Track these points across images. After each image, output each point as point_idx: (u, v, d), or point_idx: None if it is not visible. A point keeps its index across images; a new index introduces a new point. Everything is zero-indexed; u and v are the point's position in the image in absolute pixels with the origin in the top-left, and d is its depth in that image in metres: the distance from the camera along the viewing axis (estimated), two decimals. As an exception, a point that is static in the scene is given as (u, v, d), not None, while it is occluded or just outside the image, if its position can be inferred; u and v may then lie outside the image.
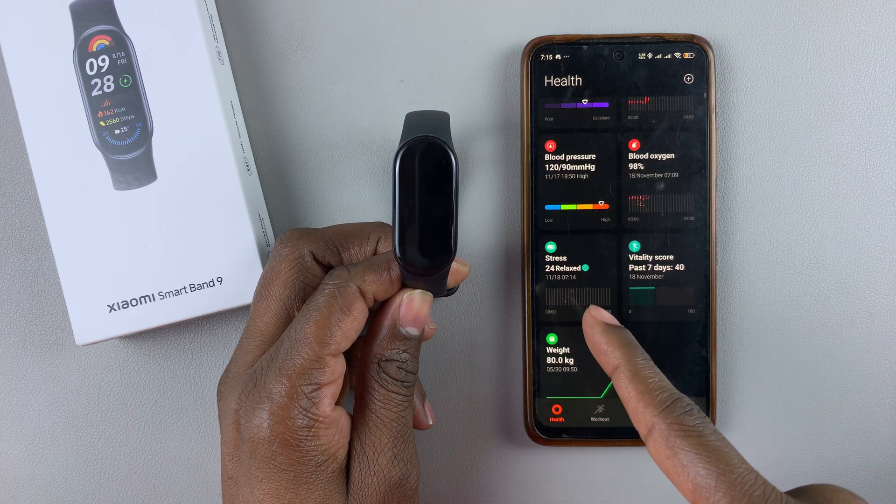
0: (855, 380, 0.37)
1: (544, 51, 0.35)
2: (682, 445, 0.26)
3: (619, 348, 0.29)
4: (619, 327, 0.31)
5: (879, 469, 0.37)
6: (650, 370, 0.29)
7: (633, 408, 0.28)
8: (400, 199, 0.27)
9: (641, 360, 0.29)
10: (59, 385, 0.37)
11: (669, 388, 0.28)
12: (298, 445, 0.27)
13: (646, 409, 0.28)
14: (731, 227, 0.37)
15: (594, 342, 0.30)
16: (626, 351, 0.29)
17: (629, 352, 0.29)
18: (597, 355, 0.30)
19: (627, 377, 0.29)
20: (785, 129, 0.37)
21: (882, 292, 0.37)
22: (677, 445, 0.27)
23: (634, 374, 0.28)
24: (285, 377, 0.27)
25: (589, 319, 0.31)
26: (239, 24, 0.36)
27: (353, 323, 0.28)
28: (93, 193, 0.33)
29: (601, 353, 0.30)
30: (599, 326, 0.30)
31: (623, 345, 0.30)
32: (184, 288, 0.33)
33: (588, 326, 0.31)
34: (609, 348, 0.30)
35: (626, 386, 0.29)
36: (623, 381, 0.29)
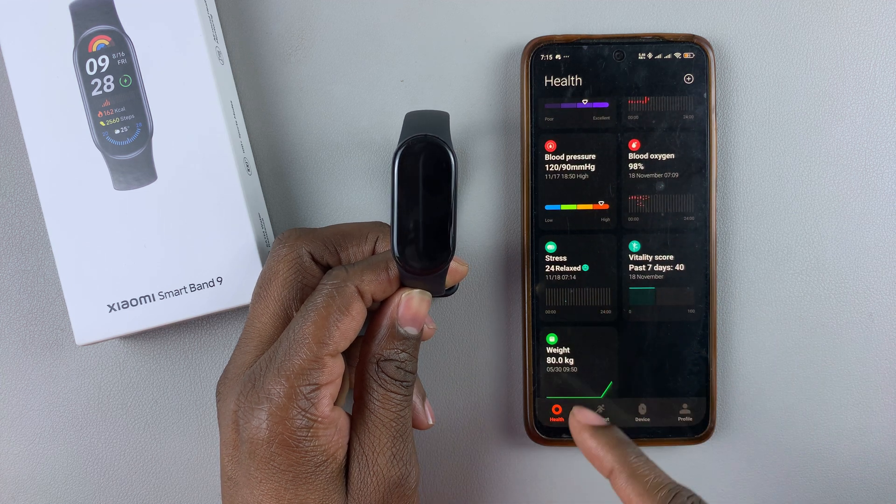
0: (855, 380, 0.37)
1: (544, 51, 0.35)
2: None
3: (612, 450, 0.29)
4: (607, 427, 0.30)
5: (879, 469, 0.37)
6: (646, 467, 0.28)
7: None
8: (399, 198, 0.27)
9: (634, 457, 0.29)
10: (59, 385, 0.37)
11: (668, 483, 0.28)
12: (297, 446, 0.27)
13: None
14: (731, 227, 0.37)
15: (586, 448, 0.30)
16: (618, 452, 0.29)
17: (622, 452, 0.29)
18: (590, 460, 0.30)
19: (625, 479, 0.28)
20: (785, 129, 0.37)
21: (882, 292, 0.37)
22: None
23: (631, 475, 0.28)
24: (284, 378, 0.27)
25: (576, 425, 0.31)
26: (239, 24, 0.36)
27: (351, 323, 0.28)
28: (93, 193, 0.33)
29: (594, 458, 0.30)
30: (588, 431, 0.30)
31: (614, 445, 0.29)
32: (184, 288, 0.33)
33: (576, 432, 0.31)
34: (602, 452, 0.29)
35: (624, 488, 0.28)
36: (621, 484, 0.28)
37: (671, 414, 0.36)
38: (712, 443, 0.37)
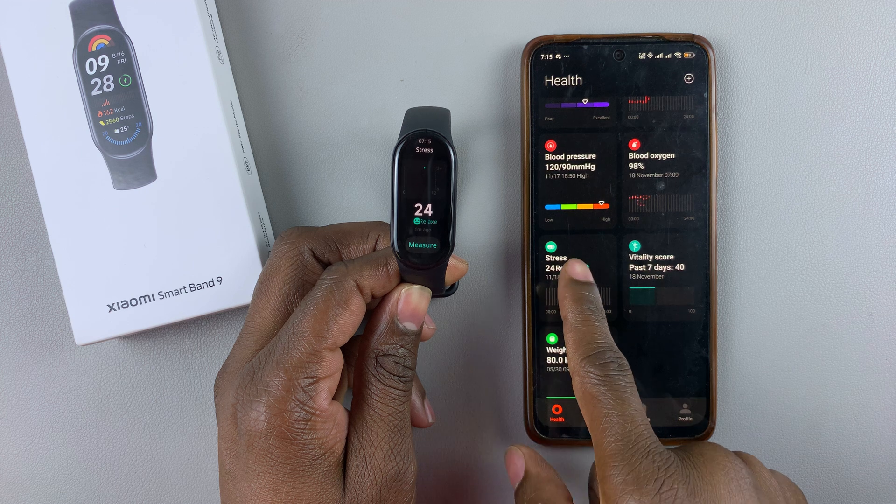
0: (855, 380, 0.37)
1: (544, 50, 0.35)
2: (593, 392, 0.29)
3: (573, 302, 0.32)
4: (584, 283, 0.32)
5: (879, 469, 0.37)
6: (589, 321, 0.31)
7: (567, 355, 0.31)
8: (398, 192, 0.27)
9: (588, 311, 0.31)
10: (59, 385, 0.37)
11: (600, 341, 0.30)
12: (295, 439, 0.27)
13: (572, 356, 0.30)
14: (731, 227, 0.37)
15: (559, 292, 0.33)
16: (576, 306, 0.31)
17: (579, 307, 0.31)
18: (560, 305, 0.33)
19: (567, 327, 0.31)
20: (785, 129, 0.37)
21: (882, 292, 0.37)
22: (588, 392, 0.29)
23: (573, 326, 0.31)
24: (282, 370, 0.27)
25: (563, 275, 0.33)
26: (239, 24, 0.36)
27: (350, 317, 0.28)
28: (92, 193, 0.33)
29: (559, 302, 0.32)
30: (565, 279, 0.33)
31: (575, 299, 0.32)
32: (184, 288, 0.33)
33: (560, 280, 0.33)
34: (563, 301, 0.32)
35: (565, 335, 0.31)
36: (565, 331, 0.31)
37: (671, 414, 0.36)
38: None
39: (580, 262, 0.33)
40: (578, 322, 0.31)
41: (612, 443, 0.28)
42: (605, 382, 0.29)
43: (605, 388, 0.29)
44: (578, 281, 0.33)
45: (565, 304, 0.32)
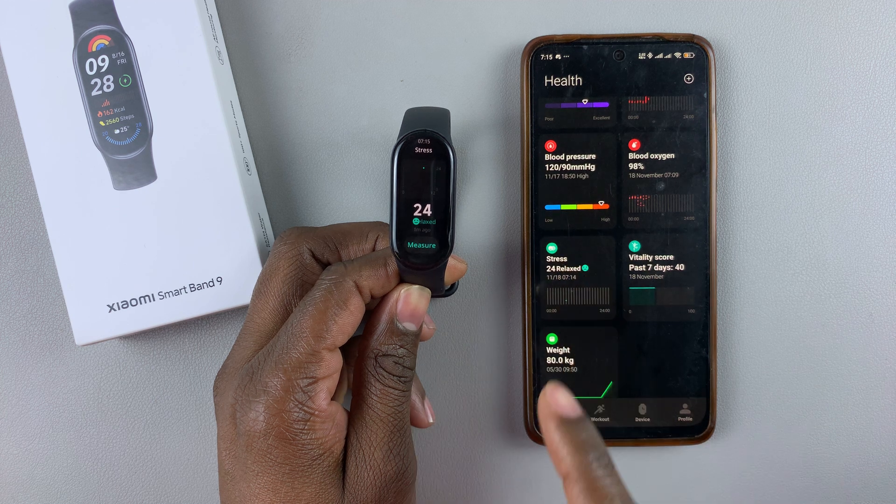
0: (855, 380, 0.37)
1: (544, 51, 0.35)
2: None
3: (573, 454, 0.25)
4: (576, 421, 0.26)
5: (879, 469, 0.37)
6: (607, 480, 0.24)
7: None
8: (397, 192, 0.27)
9: (597, 466, 0.25)
10: (59, 385, 0.37)
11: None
12: (294, 439, 0.27)
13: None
14: (731, 227, 0.37)
15: (548, 439, 0.26)
16: (579, 458, 0.25)
17: (583, 459, 0.25)
18: (550, 453, 0.26)
19: (578, 490, 0.24)
20: (785, 129, 0.37)
21: (882, 292, 0.37)
22: None
23: (587, 488, 0.24)
24: (281, 370, 0.27)
25: (544, 409, 0.26)
26: (239, 24, 0.36)
27: (349, 317, 0.28)
28: (92, 193, 0.33)
29: (553, 453, 0.25)
30: (554, 421, 0.26)
31: (578, 448, 0.25)
32: (184, 288, 0.33)
33: (543, 418, 0.26)
34: (563, 452, 0.25)
35: (575, 498, 0.24)
36: (574, 494, 0.25)
37: (671, 414, 0.36)
38: (712, 443, 0.37)
39: (561, 388, 0.26)
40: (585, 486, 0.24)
41: None
42: None
43: None
44: (570, 419, 0.26)
45: (563, 456, 0.25)
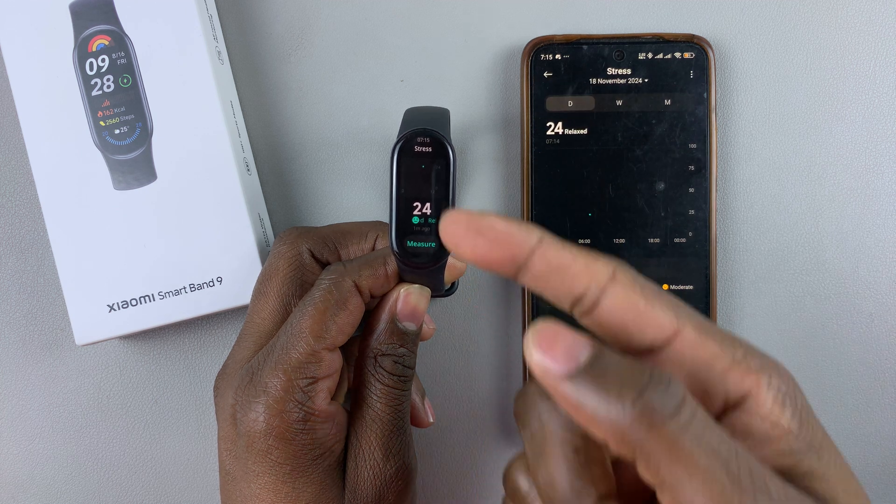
0: (855, 380, 0.37)
1: (544, 50, 0.35)
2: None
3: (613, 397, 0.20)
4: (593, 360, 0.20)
5: (879, 469, 0.37)
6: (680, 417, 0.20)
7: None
8: (397, 191, 0.27)
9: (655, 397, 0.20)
10: (59, 385, 0.37)
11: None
12: (294, 439, 0.27)
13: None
14: (730, 226, 0.37)
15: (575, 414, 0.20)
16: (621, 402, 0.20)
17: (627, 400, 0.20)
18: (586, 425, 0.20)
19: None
20: (785, 129, 0.37)
21: (882, 293, 0.37)
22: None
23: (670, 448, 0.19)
24: (281, 371, 0.27)
25: (544, 378, 0.20)
26: (239, 24, 0.36)
27: (348, 317, 0.28)
28: (92, 193, 0.33)
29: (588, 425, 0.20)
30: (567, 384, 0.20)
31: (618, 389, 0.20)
32: (184, 288, 0.33)
33: (551, 389, 0.21)
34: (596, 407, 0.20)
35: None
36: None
37: (671, 414, 0.36)
38: (712, 443, 0.37)
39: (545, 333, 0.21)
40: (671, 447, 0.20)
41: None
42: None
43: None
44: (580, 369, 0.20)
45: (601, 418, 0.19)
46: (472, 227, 0.22)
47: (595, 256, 0.22)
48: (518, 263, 0.22)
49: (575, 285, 0.22)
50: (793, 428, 0.21)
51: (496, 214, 0.22)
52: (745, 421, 0.22)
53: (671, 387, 0.20)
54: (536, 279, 0.22)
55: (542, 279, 0.22)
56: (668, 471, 0.19)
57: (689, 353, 0.21)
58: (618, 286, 0.22)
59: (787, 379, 0.22)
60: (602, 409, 0.19)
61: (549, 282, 0.22)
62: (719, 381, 0.22)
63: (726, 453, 0.19)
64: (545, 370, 0.20)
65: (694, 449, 0.19)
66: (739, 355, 0.22)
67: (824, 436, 0.22)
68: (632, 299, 0.22)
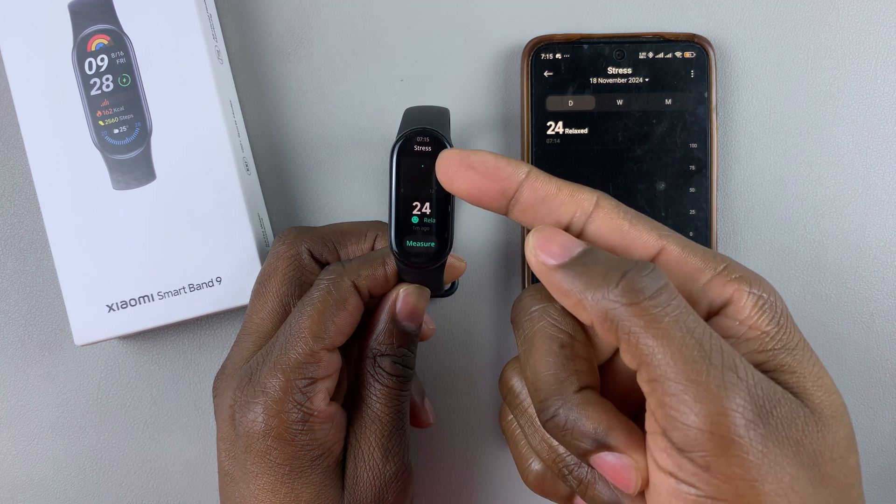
0: (855, 380, 0.37)
1: (545, 50, 0.35)
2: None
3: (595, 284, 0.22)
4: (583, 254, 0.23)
5: (879, 469, 0.37)
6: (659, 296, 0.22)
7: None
8: (396, 191, 0.27)
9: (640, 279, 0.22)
10: (59, 385, 0.36)
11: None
12: (293, 439, 0.27)
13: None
14: (731, 227, 0.37)
15: (563, 302, 0.23)
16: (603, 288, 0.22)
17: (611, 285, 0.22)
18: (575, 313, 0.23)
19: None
20: (785, 128, 0.36)
21: (883, 292, 0.37)
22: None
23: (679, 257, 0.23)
24: (280, 371, 0.27)
25: (540, 268, 0.24)
26: (239, 24, 0.36)
27: (347, 318, 0.28)
28: (91, 193, 0.33)
29: (576, 312, 0.23)
30: (558, 273, 0.23)
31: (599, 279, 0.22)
32: (183, 288, 0.33)
33: (542, 278, 0.24)
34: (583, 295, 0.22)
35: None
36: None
37: (671, 414, 0.35)
38: (713, 443, 0.37)
39: (546, 231, 0.24)
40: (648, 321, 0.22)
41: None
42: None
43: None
44: (571, 261, 0.23)
45: (588, 303, 0.22)
46: (465, 162, 0.24)
47: (579, 186, 0.24)
48: (508, 196, 0.24)
49: (562, 213, 0.24)
50: (770, 330, 0.23)
51: (487, 151, 0.25)
52: (724, 324, 0.23)
53: (654, 272, 0.22)
54: (525, 211, 0.24)
55: (530, 210, 0.24)
56: (646, 345, 0.21)
57: (673, 268, 0.23)
58: (602, 211, 0.24)
59: (768, 288, 0.24)
60: (589, 292, 0.22)
61: (537, 212, 0.24)
62: (702, 292, 0.23)
63: (700, 333, 0.21)
64: (541, 262, 0.23)
65: (671, 325, 0.21)
66: (721, 267, 0.24)
67: (801, 339, 0.23)
68: (616, 223, 0.24)
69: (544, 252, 0.23)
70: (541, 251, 0.23)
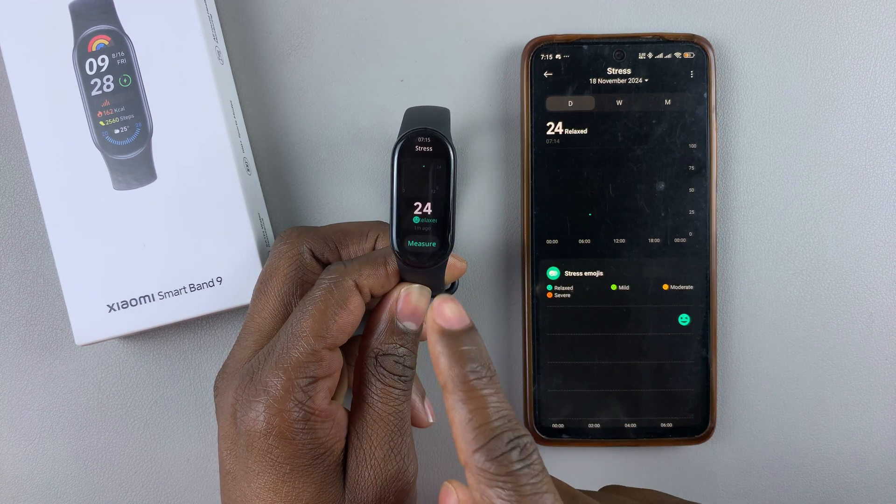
0: (855, 380, 0.37)
1: (544, 50, 0.35)
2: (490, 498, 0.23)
3: (448, 364, 0.25)
4: (460, 332, 0.26)
5: (879, 469, 0.37)
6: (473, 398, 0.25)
7: (455, 440, 0.25)
8: (397, 191, 0.27)
9: (475, 378, 0.25)
10: (59, 385, 0.36)
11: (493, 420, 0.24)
12: (294, 438, 0.27)
13: (460, 444, 0.24)
14: (731, 227, 0.37)
15: (430, 353, 0.26)
16: (453, 368, 0.25)
17: (457, 369, 0.25)
18: (433, 362, 0.26)
19: (448, 402, 0.25)
20: (785, 129, 0.37)
21: (882, 292, 0.37)
22: (486, 497, 0.23)
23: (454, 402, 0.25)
24: (281, 370, 0.27)
25: (429, 322, 0.27)
26: (239, 24, 0.36)
27: (349, 317, 0.28)
28: (92, 193, 0.33)
29: (434, 363, 0.26)
30: (437, 333, 0.26)
31: (453, 359, 0.25)
32: (183, 288, 0.33)
33: (428, 331, 0.27)
34: (436, 362, 0.26)
35: (450, 408, 0.25)
36: (450, 403, 0.25)
37: (671, 414, 0.36)
38: (712, 443, 0.37)
39: (449, 300, 0.27)
40: (460, 395, 0.25)
41: None
42: (507, 482, 0.23)
43: (507, 492, 0.23)
44: (452, 332, 0.26)
45: (440, 368, 0.26)
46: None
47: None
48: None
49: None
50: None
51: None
52: None
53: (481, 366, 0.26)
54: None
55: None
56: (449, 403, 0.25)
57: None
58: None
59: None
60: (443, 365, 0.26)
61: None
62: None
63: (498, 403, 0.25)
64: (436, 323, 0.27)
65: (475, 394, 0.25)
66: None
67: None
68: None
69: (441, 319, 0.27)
70: (439, 318, 0.27)
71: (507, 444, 0.24)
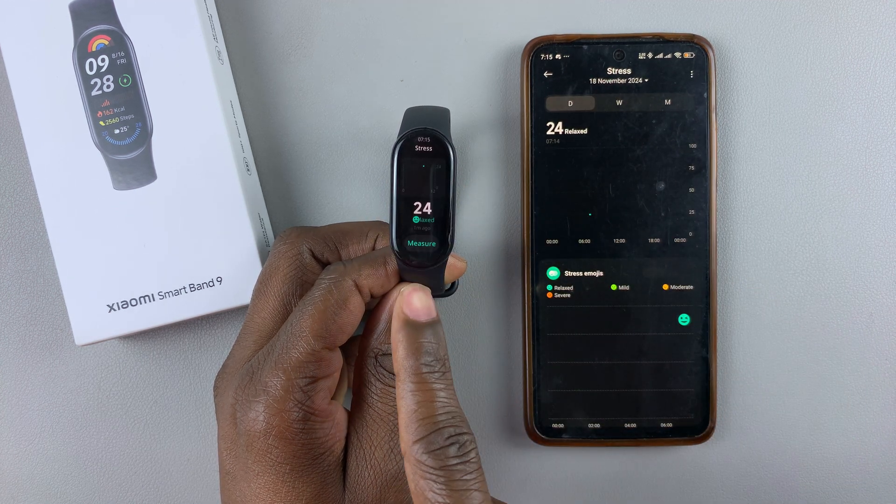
0: (855, 380, 0.37)
1: (544, 50, 0.35)
2: (423, 490, 0.24)
3: (404, 354, 0.26)
4: (423, 324, 0.27)
5: (879, 469, 0.37)
6: (421, 388, 0.25)
7: (399, 429, 0.26)
8: (397, 191, 0.27)
9: (425, 371, 0.26)
10: (59, 385, 0.36)
11: (437, 414, 0.25)
12: (294, 438, 0.27)
13: (402, 433, 0.25)
14: (731, 227, 0.37)
15: (391, 340, 0.27)
16: (408, 358, 0.26)
17: (411, 360, 0.26)
18: (392, 354, 0.27)
19: (397, 391, 0.26)
20: (785, 129, 0.37)
21: (882, 292, 0.37)
22: (419, 488, 0.24)
23: (402, 392, 0.26)
24: (281, 370, 0.27)
25: (396, 309, 0.28)
26: (239, 24, 0.36)
27: (348, 317, 0.28)
28: (92, 193, 0.33)
29: (392, 353, 0.27)
30: (400, 321, 0.27)
31: (409, 350, 0.26)
32: (183, 288, 0.33)
33: (394, 318, 0.28)
34: (395, 350, 0.27)
35: (399, 398, 0.26)
36: (400, 392, 0.26)
37: (671, 414, 0.36)
38: (712, 443, 0.37)
39: (420, 289, 0.28)
40: (410, 386, 0.25)
41: None
42: (440, 476, 0.24)
43: (439, 485, 0.24)
44: (416, 322, 0.27)
45: (397, 356, 0.26)
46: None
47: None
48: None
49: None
50: None
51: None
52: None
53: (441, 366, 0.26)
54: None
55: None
56: (399, 392, 0.26)
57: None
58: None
59: None
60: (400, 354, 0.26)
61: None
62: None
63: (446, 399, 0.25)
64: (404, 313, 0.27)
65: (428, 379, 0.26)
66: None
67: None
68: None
69: (409, 310, 0.27)
70: (407, 308, 0.27)
71: (447, 439, 0.24)
